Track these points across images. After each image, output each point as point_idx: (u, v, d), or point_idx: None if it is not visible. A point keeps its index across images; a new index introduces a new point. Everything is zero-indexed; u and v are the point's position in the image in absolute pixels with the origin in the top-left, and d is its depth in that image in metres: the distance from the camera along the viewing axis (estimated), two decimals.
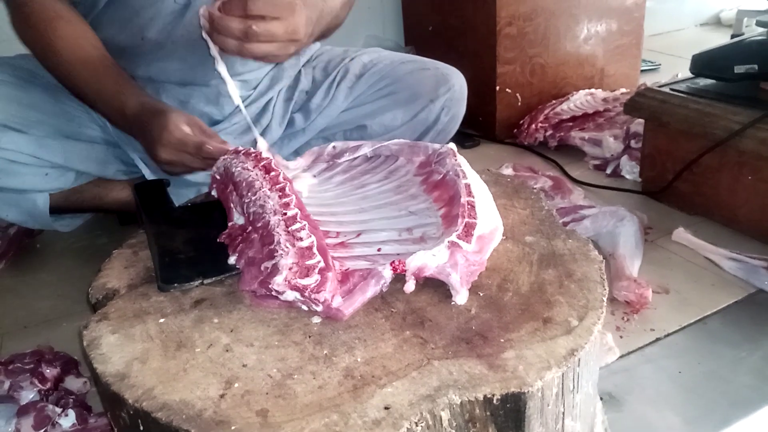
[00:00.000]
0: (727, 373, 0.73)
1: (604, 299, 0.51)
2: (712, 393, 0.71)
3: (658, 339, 0.79)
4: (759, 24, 1.04)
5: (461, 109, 1.14)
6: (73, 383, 0.75)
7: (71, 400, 0.71)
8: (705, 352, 0.76)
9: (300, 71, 1.12)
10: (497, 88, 1.46)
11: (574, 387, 0.47)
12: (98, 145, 1.02)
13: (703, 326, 0.81)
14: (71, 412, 0.69)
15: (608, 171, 1.27)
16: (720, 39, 1.12)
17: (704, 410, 0.68)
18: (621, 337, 0.79)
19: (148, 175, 1.05)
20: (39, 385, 0.71)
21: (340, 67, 1.11)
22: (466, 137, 1.49)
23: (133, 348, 0.49)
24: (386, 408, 0.42)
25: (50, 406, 0.68)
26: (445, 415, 0.42)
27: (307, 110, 1.10)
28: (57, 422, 0.67)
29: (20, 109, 0.93)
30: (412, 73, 1.10)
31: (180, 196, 1.00)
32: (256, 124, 1.07)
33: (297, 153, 1.12)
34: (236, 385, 0.45)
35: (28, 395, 0.69)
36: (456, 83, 1.10)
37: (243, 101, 1.07)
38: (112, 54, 0.97)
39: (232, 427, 0.41)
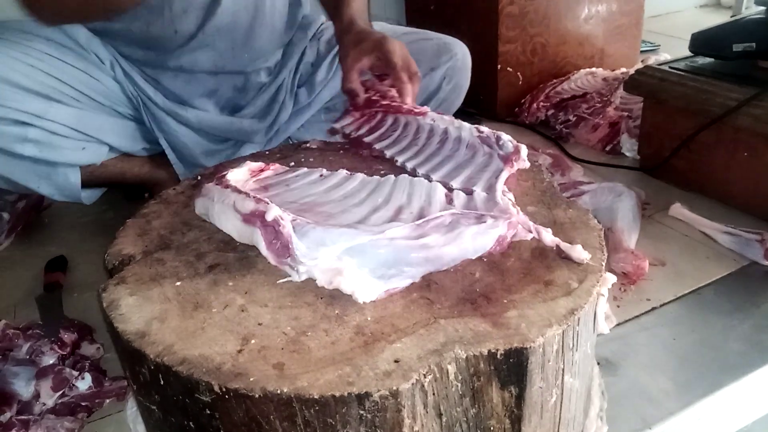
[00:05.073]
0: (719, 340, 0.76)
1: (603, 263, 0.54)
2: (704, 359, 0.73)
3: (653, 308, 0.82)
4: (758, 2, 1.06)
5: (464, 79, 1.15)
6: (87, 349, 0.77)
7: (87, 364, 0.74)
8: (698, 321, 0.79)
9: (306, 45, 1.14)
10: (498, 67, 1.48)
11: (573, 345, 0.49)
12: (129, 121, 1.04)
13: (697, 296, 0.84)
14: (87, 376, 0.71)
15: (607, 148, 1.29)
16: (719, 20, 1.13)
17: (696, 375, 0.71)
18: (618, 306, 0.82)
19: (170, 155, 1.07)
20: (59, 350, 0.73)
21: None
22: (467, 116, 1.50)
23: (151, 308, 0.52)
24: (396, 361, 0.44)
25: (68, 369, 0.71)
26: (451, 369, 0.45)
27: (311, 84, 1.13)
28: (74, 385, 0.70)
29: (59, 83, 0.94)
30: (414, 43, 1.12)
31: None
32: (274, 103, 1.10)
33: (304, 127, 1.14)
34: (253, 341, 0.47)
35: (48, 360, 0.72)
36: (458, 52, 1.12)
37: (264, 85, 1.10)
38: (138, 46, 0.98)
39: (251, 379, 0.43)
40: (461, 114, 1.47)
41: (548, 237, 0.55)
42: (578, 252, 0.53)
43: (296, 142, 1.06)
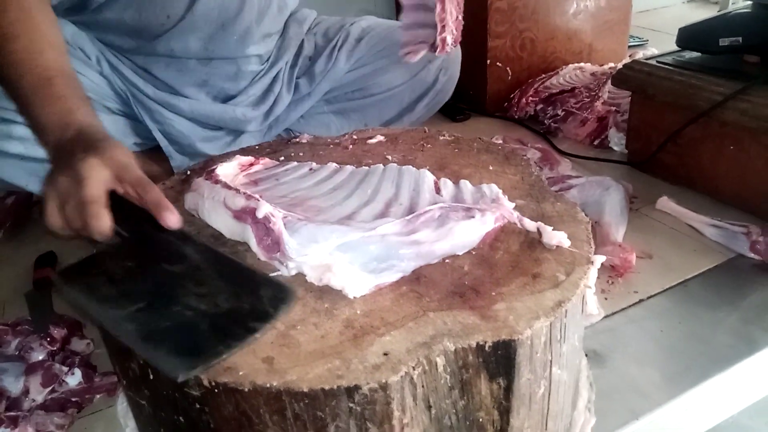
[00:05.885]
0: (706, 332, 0.77)
1: (591, 256, 0.54)
2: (692, 351, 0.74)
3: (641, 301, 0.82)
4: None
5: (456, 71, 1.21)
6: (77, 344, 0.77)
7: (77, 359, 0.73)
8: (685, 313, 0.80)
9: (303, 38, 1.15)
10: (488, 62, 1.48)
11: (561, 337, 0.50)
12: (118, 116, 1.04)
13: (684, 289, 0.85)
14: (77, 371, 0.71)
15: (596, 143, 1.29)
16: (706, 16, 1.14)
17: (683, 367, 0.72)
18: (606, 299, 0.82)
19: (165, 147, 1.07)
20: (48, 346, 0.73)
21: (341, 32, 1.16)
22: (456, 110, 1.51)
23: None
24: (385, 354, 0.44)
25: (57, 365, 0.70)
26: (440, 361, 0.45)
27: (311, 75, 1.14)
28: (64, 380, 0.70)
29: None
30: None
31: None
32: (269, 93, 1.11)
33: (303, 118, 1.15)
34: None
35: (38, 356, 0.72)
36: None
37: (257, 75, 1.10)
38: (129, 35, 0.97)
39: (240, 373, 0.44)
40: (451, 109, 1.49)
41: (529, 223, 0.57)
42: (558, 237, 0.55)
43: (294, 134, 1.07)
